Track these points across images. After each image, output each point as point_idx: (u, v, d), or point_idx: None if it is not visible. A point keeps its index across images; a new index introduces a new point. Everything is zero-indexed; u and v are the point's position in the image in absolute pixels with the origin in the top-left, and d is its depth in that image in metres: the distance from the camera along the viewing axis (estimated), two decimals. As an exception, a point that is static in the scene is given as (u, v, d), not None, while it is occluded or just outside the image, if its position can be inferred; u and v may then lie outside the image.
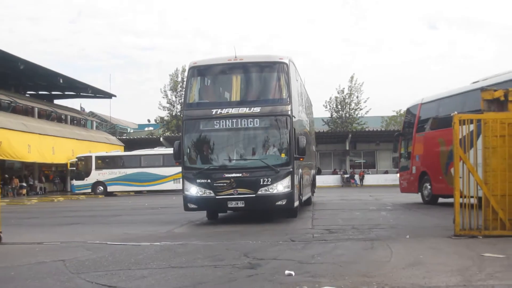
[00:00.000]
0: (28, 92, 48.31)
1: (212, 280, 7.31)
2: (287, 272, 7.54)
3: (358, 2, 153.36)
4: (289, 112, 13.76)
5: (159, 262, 8.90)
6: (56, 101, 51.76)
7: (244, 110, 13.62)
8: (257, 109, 13.60)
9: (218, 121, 13.76)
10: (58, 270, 8.48)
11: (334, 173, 52.29)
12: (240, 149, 14.21)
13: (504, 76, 16.63)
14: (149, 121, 76.40)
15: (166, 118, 60.03)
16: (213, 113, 13.74)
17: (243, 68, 14.63)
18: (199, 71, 14.85)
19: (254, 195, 13.23)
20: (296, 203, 14.66)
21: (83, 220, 18.98)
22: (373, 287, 6.60)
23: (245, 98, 14.29)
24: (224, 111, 13.70)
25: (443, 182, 18.79)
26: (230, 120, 13.68)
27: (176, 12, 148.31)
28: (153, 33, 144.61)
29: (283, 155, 13.66)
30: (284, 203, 13.57)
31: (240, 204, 13.50)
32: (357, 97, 59.07)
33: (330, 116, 59.87)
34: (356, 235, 11.80)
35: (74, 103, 55.79)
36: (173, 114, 57.62)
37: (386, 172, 50.76)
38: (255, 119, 13.67)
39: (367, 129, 56.11)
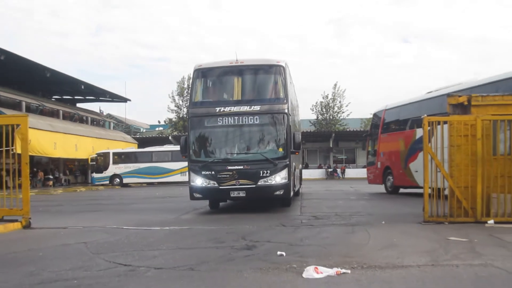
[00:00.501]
0: (54, 97, 48.30)
1: (214, 260, 7.40)
2: (279, 253, 7.61)
3: (341, 21, 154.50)
4: (286, 110, 13.54)
5: (168, 244, 9.01)
6: (78, 105, 51.75)
7: (245, 108, 13.39)
8: (257, 107, 13.40)
9: (221, 118, 13.47)
10: (80, 251, 8.56)
11: (320, 167, 52.68)
12: (241, 143, 13.93)
13: (453, 87, 17.54)
14: (159, 122, 76.62)
15: (174, 119, 60.52)
16: (217, 110, 13.48)
17: (244, 70, 14.29)
18: (204, 73, 14.44)
19: (254, 186, 13.04)
20: (292, 193, 14.61)
21: (102, 207, 18.99)
22: (353, 266, 6.68)
23: (246, 98, 14.00)
24: (227, 109, 13.42)
25: (403, 175, 19.87)
26: (232, 117, 13.41)
27: (183, 28, 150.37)
28: (164, 46, 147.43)
29: (280, 150, 13.41)
30: (281, 193, 13.41)
31: (242, 194, 13.30)
32: (339, 101, 59.95)
33: (316, 118, 60.46)
34: (339, 221, 11.89)
35: (94, 106, 55.66)
36: (180, 116, 57.77)
37: (364, 167, 51.05)
38: (255, 117, 13.42)
39: (348, 130, 56.57)
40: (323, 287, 5.85)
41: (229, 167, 13.17)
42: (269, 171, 13.05)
